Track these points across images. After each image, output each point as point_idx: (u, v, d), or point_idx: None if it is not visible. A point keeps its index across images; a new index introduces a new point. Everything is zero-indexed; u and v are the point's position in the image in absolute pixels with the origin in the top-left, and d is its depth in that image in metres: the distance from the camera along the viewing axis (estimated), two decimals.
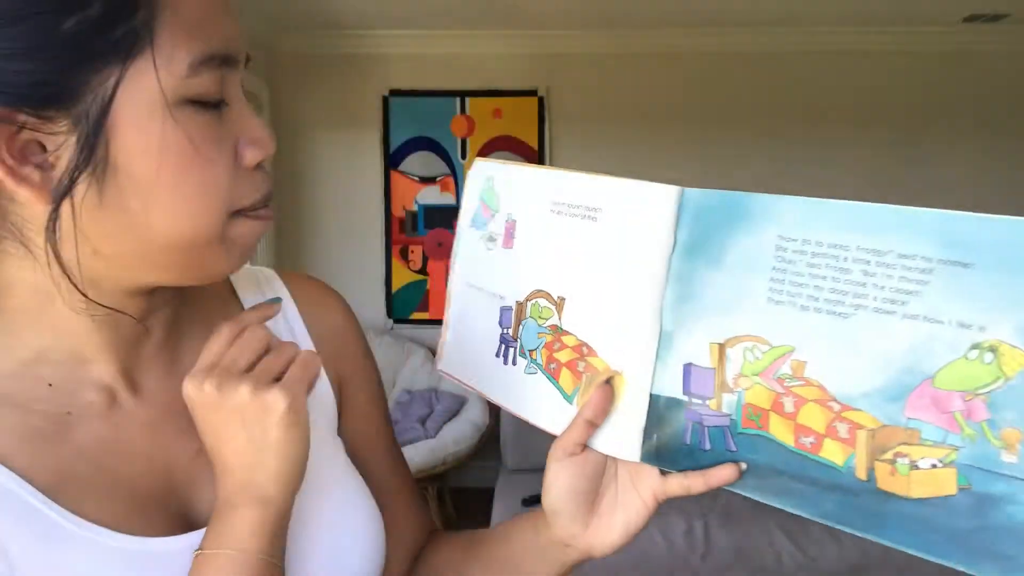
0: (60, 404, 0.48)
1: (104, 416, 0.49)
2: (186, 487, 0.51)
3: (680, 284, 0.50)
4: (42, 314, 0.47)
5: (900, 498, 0.44)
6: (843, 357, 0.44)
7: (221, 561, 0.46)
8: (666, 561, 2.25)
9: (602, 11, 3.24)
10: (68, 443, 0.47)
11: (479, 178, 0.61)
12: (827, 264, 0.45)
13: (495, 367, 0.59)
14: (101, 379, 0.49)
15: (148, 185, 0.42)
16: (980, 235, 0.41)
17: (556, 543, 0.57)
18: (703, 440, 0.50)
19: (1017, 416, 0.39)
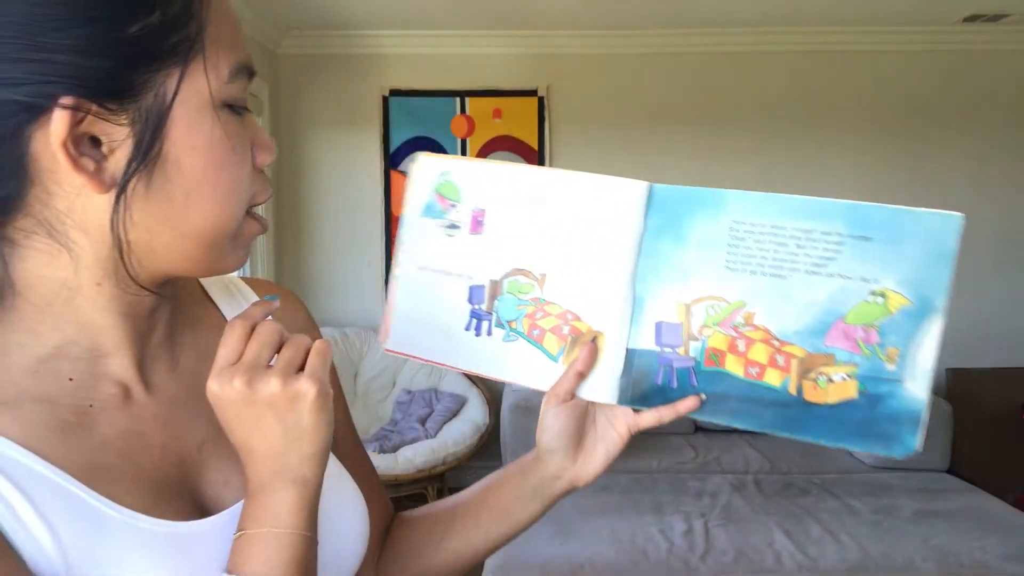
0: (82, 397, 0.49)
1: (122, 409, 0.51)
2: (196, 475, 0.54)
3: (650, 259, 0.62)
4: (64, 310, 0.49)
5: (819, 405, 0.59)
6: (782, 307, 0.59)
7: (267, 539, 0.50)
8: (666, 561, 2.25)
9: (602, 11, 3.24)
10: (94, 435, 0.49)
11: (430, 172, 0.68)
12: (769, 240, 0.60)
13: (466, 339, 0.67)
14: (116, 373, 0.52)
15: (194, 178, 0.48)
16: (876, 218, 0.58)
17: (547, 479, 0.68)
18: (672, 379, 0.62)
19: (897, 338, 0.57)
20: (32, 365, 0.48)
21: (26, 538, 0.43)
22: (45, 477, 0.45)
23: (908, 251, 0.57)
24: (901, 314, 0.58)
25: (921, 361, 0.58)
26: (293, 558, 0.50)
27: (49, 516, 0.44)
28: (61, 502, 0.45)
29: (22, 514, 0.43)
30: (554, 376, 0.64)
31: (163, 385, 0.54)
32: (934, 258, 0.57)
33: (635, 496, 2.72)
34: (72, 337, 0.49)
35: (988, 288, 3.63)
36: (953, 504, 2.67)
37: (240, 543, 0.50)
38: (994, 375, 3.55)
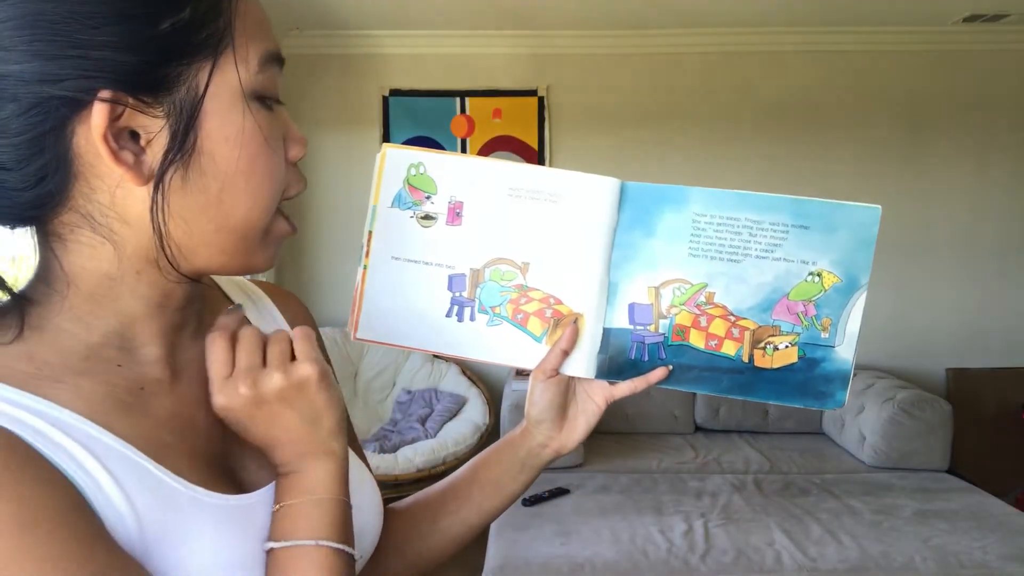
0: (133, 380, 0.52)
1: (168, 392, 0.54)
2: (235, 456, 0.57)
3: (623, 248, 0.70)
4: (107, 300, 0.51)
5: (766, 370, 0.69)
6: (737, 287, 0.69)
7: (308, 506, 0.53)
8: (666, 561, 2.25)
9: (602, 11, 3.24)
10: (150, 414, 0.51)
11: (400, 164, 0.71)
12: (726, 229, 0.69)
13: (447, 325, 0.71)
14: (156, 362, 0.54)
15: (228, 169, 0.49)
16: (814, 210, 0.68)
17: (535, 449, 0.75)
18: (643, 354, 0.71)
19: (830, 311, 0.68)
20: (83, 351, 0.50)
21: (105, 504, 0.45)
22: (116, 450, 0.47)
23: (840, 238, 0.68)
24: (833, 290, 0.68)
25: (849, 329, 0.68)
26: (336, 520, 0.53)
27: (126, 486, 0.46)
28: (134, 473, 0.47)
29: (102, 483, 0.45)
30: (539, 355, 0.71)
31: (200, 374, 0.56)
32: (859, 243, 0.68)
33: (635, 496, 2.72)
34: (115, 327, 0.51)
35: (988, 288, 3.63)
36: (953, 504, 2.67)
37: (281, 514, 0.53)
38: (994, 375, 3.55)
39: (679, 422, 3.46)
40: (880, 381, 3.25)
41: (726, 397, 0.70)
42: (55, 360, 0.48)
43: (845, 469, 3.03)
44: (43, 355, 0.48)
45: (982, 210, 3.60)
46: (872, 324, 3.83)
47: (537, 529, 2.43)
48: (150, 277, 0.51)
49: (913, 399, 3.02)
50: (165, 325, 0.54)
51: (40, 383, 0.46)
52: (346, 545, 0.54)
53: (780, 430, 3.45)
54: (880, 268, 3.52)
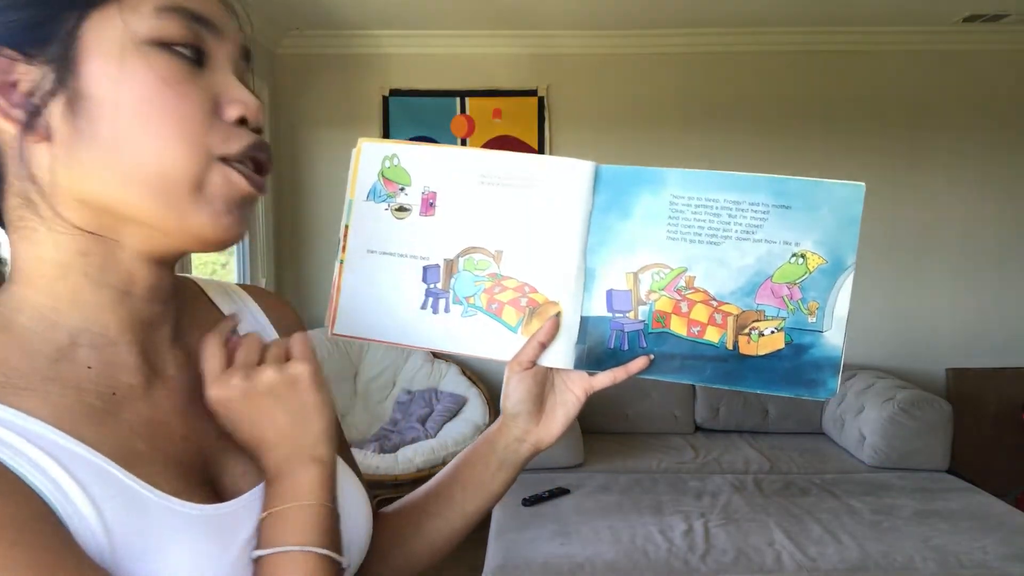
0: (105, 385, 0.50)
1: (142, 398, 0.52)
2: (215, 464, 0.55)
3: (599, 233, 0.68)
4: (66, 291, 0.49)
5: (753, 357, 0.66)
6: (718, 271, 0.66)
7: (295, 512, 0.51)
8: (666, 561, 2.25)
9: (602, 11, 3.24)
10: (121, 421, 0.49)
11: (374, 157, 0.70)
12: (705, 211, 0.66)
13: (422, 318, 0.70)
14: (129, 362, 0.52)
15: (118, 115, 0.46)
16: (795, 189, 0.65)
17: (512, 444, 0.72)
18: (623, 342, 0.68)
19: (816, 294, 0.65)
20: (52, 353, 0.48)
21: (73, 514, 0.43)
22: (85, 458, 0.45)
23: (823, 217, 0.65)
24: (819, 272, 0.65)
25: (837, 312, 0.66)
26: (323, 527, 0.52)
27: (93, 495, 0.44)
28: (103, 482, 0.45)
29: (70, 492, 0.44)
30: (514, 346, 0.69)
31: (178, 378, 0.55)
32: (844, 222, 0.65)
33: (635, 496, 2.72)
34: (79, 322, 0.50)
35: (988, 288, 3.63)
36: (953, 504, 2.66)
37: (268, 522, 0.52)
38: (994, 375, 3.55)
39: (679, 422, 3.46)
40: (880, 381, 3.25)
41: (715, 388, 0.68)
42: (23, 365, 0.47)
43: (845, 469, 3.03)
44: (11, 360, 0.47)
45: (982, 210, 3.60)
46: (872, 324, 3.83)
47: (537, 529, 2.43)
48: (99, 257, 0.50)
49: (913, 399, 3.02)
50: (135, 318, 0.52)
51: (7, 391, 0.45)
52: (334, 552, 0.52)
53: (780, 430, 3.45)
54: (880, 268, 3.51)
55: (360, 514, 0.62)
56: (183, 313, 0.59)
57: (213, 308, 0.64)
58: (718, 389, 3.40)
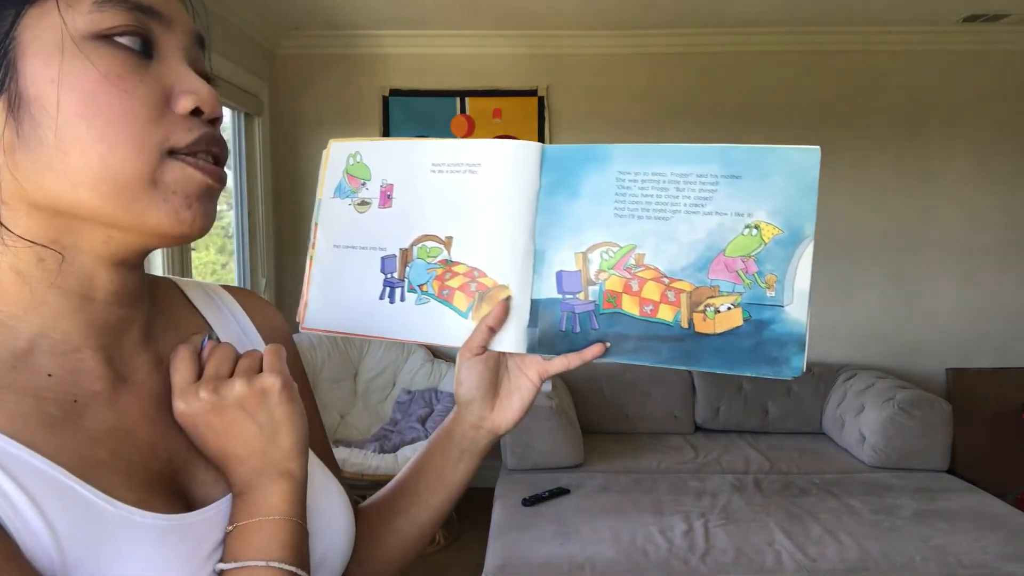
0: (64, 392, 0.48)
1: (107, 404, 0.50)
2: (184, 473, 0.53)
3: (547, 214, 0.67)
4: (22, 298, 0.48)
5: (710, 336, 0.63)
6: (668, 246, 0.64)
7: (261, 526, 0.50)
8: (666, 561, 2.25)
9: (602, 11, 3.24)
10: (81, 430, 0.48)
11: (341, 155, 0.73)
12: (652, 186, 0.64)
13: (380, 308, 0.70)
14: (93, 368, 0.50)
15: (62, 116, 0.45)
16: (744, 157, 0.62)
17: (468, 432, 0.71)
18: (574, 324, 0.66)
19: (773, 266, 0.61)
20: (9, 360, 0.47)
21: (22, 528, 0.42)
22: (39, 469, 0.44)
23: (776, 185, 0.62)
24: (775, 243, 0.62)
25: (798, 285, 0.61)
26: (289, 542, 0.51)
27: (45, 508, 0.43)
28: (56, 494, 0.44)
29: (18, 504, 0.42)
30: (465, 332, 0.68)
31: (147, 383, 0.54)
32: (800, 189, 0.62)
33: (635, 496, 2.72)
34: (40, 330, 0.48)
35: (988, 288, 3.63)
36: (953, 504, 2.67)
37: (233, 535, 0.50)
38: (994, 375, 3.55)
39: (679, 422, 3.46)
40: (880, 381, 3.25)
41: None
42: None
43: (845, 469, 3.03)
44: None
45: (982, 210, 3.60)
46: (872, 324, 3.83)
47: (537, 529, 2.43)
48: (56, 263, 0.48)
49: (913, 399, 3.02)
50: (97, 323, 0.51)
51: None
52: (300, 568, 0.51)
53: (780, 430, 3.45)
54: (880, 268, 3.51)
55: (341, 521, 0.61)
56: (157, 315, 0.57)
57: (192, 310, 0.63)
58: (718, 389, 3.43)
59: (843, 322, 3.61)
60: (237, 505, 0.52)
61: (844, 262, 3.60)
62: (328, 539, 0.58)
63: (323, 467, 0.63)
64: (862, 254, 3.61)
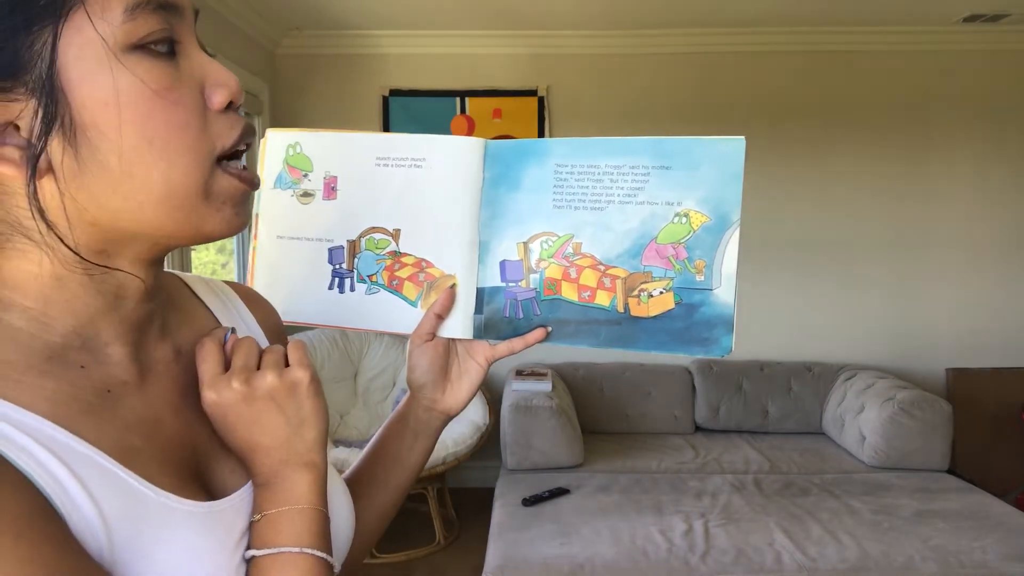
0: (99, 382, 0.49)
1: (136, 394, 0.51)
2: (206, 462, 0.55)
3: (490, 206, 0.70)
4: (60, 300, 0.48)
5: (644, 319, 0.67)
6: (603, 235, 0.67)
7: (290, 515, 0.52)
8: (666, 561, 2.25)
9: (602, 11, 3.24)
10: (117, 417, 0.49)
11: (279, 145, 0.73)
12: (587, 178, 0.67)
13: (330, 297, 0.73)
14: (121, 362, 0.51)
15: (117, 136, 0.44)
16: (674, 148, 0.65)
17: (421, 415, 0.74)
18: (517, 311, 0.70)
19: (702, 252, 0.65)
20: (44, 351, 0.47)
21: (73, 511, 0.43)
22: (84, 454, 0.45)
23: (704, 175, 0.65)
24: (703, 230, 0.65)
25: (726, 270, 0.65)
26: (317, 529, 0.53)
27: (94, 492, 0.44)
28: (102, 478, 0.45)
29: (70, 488, 0.43)
30: (415, 320, 0.72)
31: (168, 375, 0.55)
32: (726, 178, 0.65)
33: (635, 496, 2.72)
34: (73, 326, 0.49)
35: (988, 288, 3.63)
36: (953, 504, 2.67)
37: (262, 524, 0.52)
38: (994, 375, 3.55)
39: (679, 422, 3.46)
40: (880, 381, 3.25)
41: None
42: (16, 359, 0.46)
43: (845, 469, 3.03)
44: (3, 355, 0.46)
45: (982, 210, 3.60)
46: (872, 324, 3.83)
47: (537, 529, 2.43)
48: (98, 271, 0.49)
49: (913, 399, 3.02)
50: (128, 320, 0.51)
51: (4, 384, 0.44)
52: (327, 553, 0.53)
53: (780, 430, 3.45)
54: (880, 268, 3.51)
55: (344, 511, 0.62)
56: (170, 309, 0.58)
57: (199, 303, 0.63)
58: (718, 389, 3.43)
59: (843, 322, 3.61)
60: (262, 495, 0.53)
61: (844, 262, 3.60)
62: (334, 527, 0.59)
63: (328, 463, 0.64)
64: (862, 254, 3.61)
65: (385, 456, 0.75)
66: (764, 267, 3.56)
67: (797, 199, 3.57)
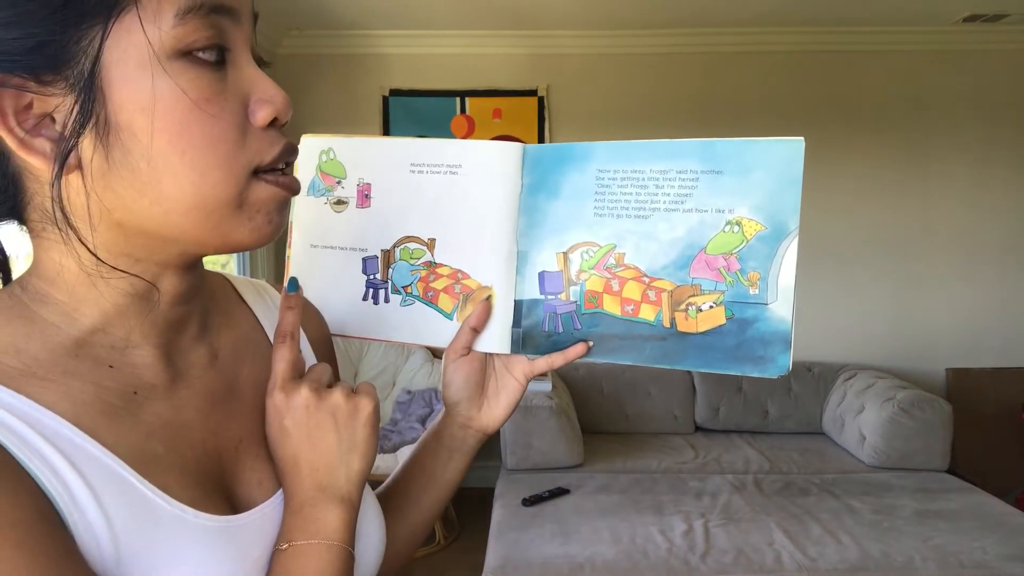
0: (125, 384, 0.48)
1: (164, 399, 0.50)
2: (231, 473, 0.53)
3: (529, 214, 0.66)
4: (88, 296, 0.47)
5: (692, 335, 0.62)
6: (648, 245, 0.63)
7: (319, 550, 0.51)
8: (666, 561, 2.25)
9: (602, 11, 3.24)
10: (140, 422, 0.48)
11: (312, 152, 0.71)
12: (631, 184, 0.63)
13: (364, 309, 0.71)
14: (152, 364, 0.50)
15: (149, 143, 0.43)
16: (725, 151, 0.60)
17: (456, 432, 0.71)
18: (557, 325, 0.66)
19: (756, 263, 0.60)
20: (72, 347, 0.47)
21: (80, 520, 0.42)
22: (100, 460, 0.44)
23: (758, 179, 0.60)
24: (757, 240, 0.60)
25: (782, 282, 0.60)
26: (344, 569, 0.52)
27: (104, 501, 0.43)
28: (115, 487, 0.43)
29: (79, 496, 0.42)
30: (451, 333, 0.69)
31: (203, 379, 0.54)
32: (783, 183, 0.60)
33: (635, 496, 2.72)
34: (102, 324, 0.48)
35: (988, 288, 3.63)
36: (953, 504, 2.67)
37: (288, 554, 0.50)
38: (994, 375, 3.55)
39: (679, 422, 3.45)
40: (880, 381, 3.25)
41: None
42: (44, 356, 0.45)
43: (845, 469, 3.03)
44: (32, 350, 0.45)
45: (982, 210, 3.60)
46: (872, 324, 3.83)
47: (537, 529, 2.43)
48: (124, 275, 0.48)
49: (913, 399, 3.02)
50: (159, 323, 0.50)
51: (27, 380, 0.44)
52: None
53: (780, 430, 3.45)
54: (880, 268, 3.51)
55: (375, 530, 0.61)
56: (213, 310, 0.57)
57: (244, 307, 0.62)
58: (718, 389, 3.43)
59: (843, 322, 3.62)
60: (292, 521, 0.52)
61: (844, 262, 3.60)
62: (360, 547, 0.58)
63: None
64: (862, 254, 3.61)
65: (420, 474, 0.73)
66: None
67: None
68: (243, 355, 0.58)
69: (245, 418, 0.55)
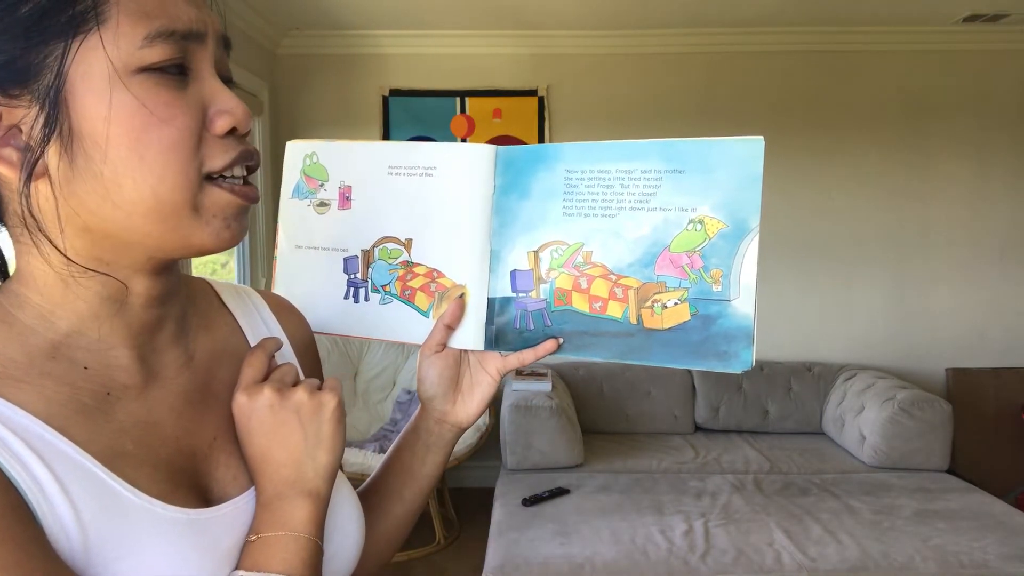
0: (99, 385, 0.50)
1: (137, 399, 0.52)
2: (205, 468, 0.55)
3: (501, 214, 0.68)
4: (63, 299, 0.50)
5: (658, 331, 0.64)
6: (615, 243, 0.65)
7: (285, 541, 0.53)
8: (666, 561, 2.25)
9: (602, 11, 3.24)
10: (113, 421, 0.50)
11: (297, 156, 0.74)
12: (598, 184, 0.65)
13: (346, 307, 0.73)
14: (127, 365, 0.52)
15: (113, 150, 0.46)
16: (687, 151, 0.62)
17: (432, 427, 0.73)
18: (528, 322, 0.68)
19: (718, 261, 0.61)
20: (49, 350, 0.49)
21: (48, 512, 0.44)
22: (69, 455, 0.46)
23: (719, 178, 0.61)
24: (719, 237, 0.62)
25: (744, 279, 0.61)
26: (310, 560, 0.53)
27: (72, 493, 0.45)
28: (84, 481, 0.45)
29: (48, 489, 0.44)
30: (427, 330, 0.71)
31: (177, 379, 0.56)
32: (744, 182, 0.61)
33: (635, 496, 2.72)
34: (77, 327, 0.50)
35: (988, 288, 3.63)
36: (953, 504, 2.67)
37: (256, 546, 0.52)
38: (994, 375, 3.55)
39: (679, 422, 3.45)
40: (880, 381, 3.25)
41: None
42: (21, 358, 0.48)
43: (845, 469, 3.03)
44: (9, 352, 0.47)
45: (982, 210, 3.60)
46: (872, 324, 3.83)
47: (537, 529, 2.43)
48: (98, 275, 0.50)
49: (913, 399, 3.02)
50: (134, 325, 0.53)
51: (3, 382, 0.46)
52: None
53: (780, 430, 3.45)
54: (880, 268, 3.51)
55: (353, 523, 0.62)
56: (191, 313, 0.59)
57: (224, 310, 0.64)
58: (718, 389, 3.43)
59: (843, 322, 3.62)
60: (261, 515, 0.54)
61: (844, 262, 3.60)
62: (336, 546, 0.59)
63: (339, 473, 0.64)
64: (862, 254, 3.61)
65: (399, 469, 0.75)
66: (764, 267, 3.51)
67: (797, 199, 3.57)
68: (220, 358, 0.60)
69: (220, 417, 0.57)
